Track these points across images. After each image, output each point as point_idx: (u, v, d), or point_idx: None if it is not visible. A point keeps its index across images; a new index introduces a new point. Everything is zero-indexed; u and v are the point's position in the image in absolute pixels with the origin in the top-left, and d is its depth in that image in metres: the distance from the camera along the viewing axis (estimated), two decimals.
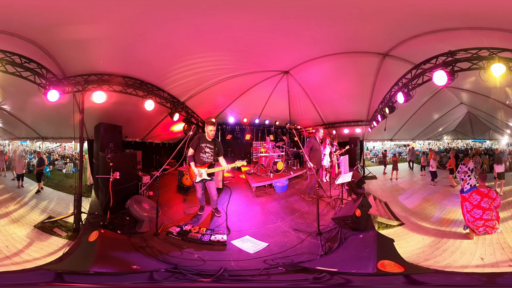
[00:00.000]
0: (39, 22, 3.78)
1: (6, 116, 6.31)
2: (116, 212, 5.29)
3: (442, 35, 4.18)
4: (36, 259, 4.04)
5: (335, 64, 6.00)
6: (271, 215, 5.57)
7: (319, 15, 4.01)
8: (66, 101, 5.35)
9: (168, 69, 5.71)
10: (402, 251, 3.97)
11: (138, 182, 6.30)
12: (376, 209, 6.10)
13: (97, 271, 3.28)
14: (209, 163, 5.09)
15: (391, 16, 3.92)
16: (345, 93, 7.63)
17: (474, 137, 10.05)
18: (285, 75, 6.94)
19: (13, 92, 5.38)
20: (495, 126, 8.59)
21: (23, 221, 5.27)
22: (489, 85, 4.40)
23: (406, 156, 10.21)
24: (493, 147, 9.57)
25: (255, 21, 4.23)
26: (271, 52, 5.59)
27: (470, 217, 4.55)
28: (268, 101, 8.36)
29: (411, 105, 6.61)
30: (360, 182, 6.30)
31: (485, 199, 4.49)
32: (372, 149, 10.94)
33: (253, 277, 3.33)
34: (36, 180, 6.87)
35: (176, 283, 3.13)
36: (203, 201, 5.53)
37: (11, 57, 4.11)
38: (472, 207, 4.55)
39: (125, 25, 4.12)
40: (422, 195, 7.27)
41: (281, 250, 4.13)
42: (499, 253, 4.03)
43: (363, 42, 5.02)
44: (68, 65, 4.91)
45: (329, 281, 3.04)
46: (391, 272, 3.12)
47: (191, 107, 7.40)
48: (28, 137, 7.39)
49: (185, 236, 4.41)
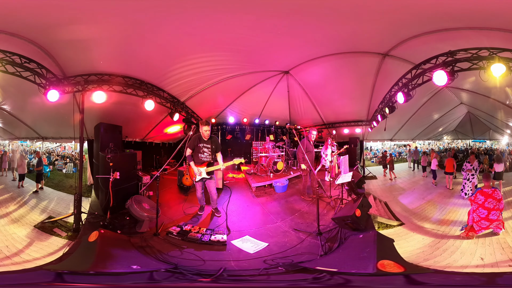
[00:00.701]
0: (39, 22, 3.78)
1: (6, 116, 6.30)
2: (116, 212, 5.28)
3: (442, 35, 4.18)
4: (36, 259, 4.03)
5: (335, 64, 6.00)
6: (271, 215, 5.57)
7: (319, 15, 4.01)
8: (66, 101, 5.34)
9: (168, 69, 5.71)
10: (402, 251, 3.98)
11: (138, 182, 6.30)
12: (376, 209, 6.10)
13: (97, 271, 3.28)
14: (207, 162, 5.16)
15: (391, 16, 3.92)
16: (345, 93, 7.63)
17: (474, 137, 10.05)
18: (285, 75, 6.94)
19: (13, 92, 5.38)
20: (495, 126, 8.59)
21: (23, 221, 5.27)
22: (489, 85, 4.40)
23: (407, 156, 10.20)
24: (493, 147, 9.57)
25: (255, 21, 4.23)
26: (271, 52, 5.59)
27: (476, 216, 4.65)
28: (268, 101, 8.37)
29: (411, 105, 6.60)
30: (360, 182, 6.30)
31: (490, 200, 4.56)
32: (370, 150, 10.93)
33: (253, 277, 3.33)
34: (35, 180, 6.88)
35: (176, 283, 3.13)
36: (203, 201, 5.53)
37: (11, 57, 4.11)
38: (477, 206, 4.66)
39: (125, 25, 4.11)
40: (423, 195, 7.28)
41: (281, 250, 4.13)
42: (499, 253, 4.03)
43: (363, 42, 5.02)
44: (68, 65, 4.91)
45: (329, 281, 3.04)
46: (391, 272, 3.12)
47: (191, 107, 7.40)
48: (28, 137, 7.39)
49: (185, 236, 4.41)
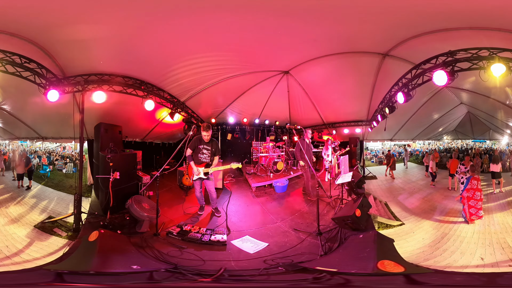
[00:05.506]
0: (39, 22, 3.78)
1: (6, 116, 6.31)
2: (116, 212, 5.29)
3: (442, 35, 4.18)
4: (36, 259, 4.04)
5: (335, 64, 5.99)
6: (271, 215, 5.57)
7: (319, 15, 4.01)
8: (66, 101, 5.35)
9: (168, 69, 5.71)
10: (402, 251, 3.98)
11: (138, 182, 6.30)
12: (376, 209, 6.10)
13: (97, 271, 3.28)
14: (206, 163, 5.27)
15: (391, 16, 3.92)
16: (345, 93, 7.62)
17: (474, 137, 10.04)
18: (285, 75, 6.94)
19: (13, 92, 5.38)
20: (495, 126, 8.58)
21: (23, 221, 5.27)
22: (489, 85, 4.39)
23: (404, 156, 10.19)
24: (493, 147, 9.57)
25: (255, 21, 4.23)
26: (271, 52, 5.59)
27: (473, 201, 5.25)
28: (268, 101, 8.35)
29: (411, 105, 6.59)
30: (360, 182, 6.30)
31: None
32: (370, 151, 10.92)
33: (253, 277, 3.33)
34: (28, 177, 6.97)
35: (176, 283, 3.13)
36: (202, 201, 5.54)
37: (11, 57, 4.11)
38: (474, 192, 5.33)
39: (125, 25, 4.12)
40: (422, 195, 7.28)
41: (281, 250, 4.13)
42: (499, 253, 4.04)
43: (363, 42, 5.02)
44: (68, 65, 4.91)
45: (329, 281, 3.04)
46: (391, 272, 3.12)
47: (191, 107, 7.40)
48: (28, 137, 7.39)
49: (185, 236, 4.41)
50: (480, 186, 5.43)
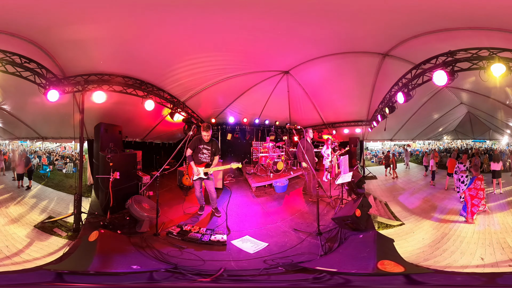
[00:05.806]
0: (39, 22, 3.78)
1: (6, 116, 6.31)
2: (116, 212, 5.29)
3: (442, 35, 4.18)
4: (36, 259, 4.03)
5: (335, 64, 5.99)
6: (271, 215, 5.57)
7: (319, 15, 4.01)
8: (66, 101, 5.35)
9: (168, 69, 5.71)
10: (402, 251, 3.98)
11: (138, 182, 6.30)
12: (376, 209, 6.10)
13: (97, 271, 3.28)
14: (206, 163, 5.26)
15: (391, 16, 3.92)
16: (345, 93, 7.62)
17: (474, 137, 10.04)
18: (285, 75, 6.94)
19: (13, 92, 5.38)
20: (495, 126, 8.58)
21: (23, 221, 5.27)
22: (489, 85, 4.40)
23: (404, 155, 10.18)
24: (493, 147, 9.57)
25: (255, 21, 4.23)
26: (271, 52, 5.59)
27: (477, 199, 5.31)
28: (268, 101, 8.36)
29: (411, 105, 6.60)
30: (360, 182, 6.30)
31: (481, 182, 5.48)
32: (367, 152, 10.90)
33: (253, 277, 3.33)
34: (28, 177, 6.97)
35: (176, 283, 3.13)
36: (202, 201, 5.55)
37: (11, 57, 4.11)
38: (477, 192, 5.39)
39: (125, 25, 4.12)
40: (422, 195, 7.28)
41: (281, 250, 4.13)
42: (499, 253, 4.03)
43: (363, 42, 5.02)
44: (68, 65, 4.91)
45: (329, 281, 3.04)
46: (391, 272, 3.12)
47: (191, 107, 7.41)
48: (28, 137, 7.40)
49: (185, 236, 4.41)
50: (483, 186, 5.52)
